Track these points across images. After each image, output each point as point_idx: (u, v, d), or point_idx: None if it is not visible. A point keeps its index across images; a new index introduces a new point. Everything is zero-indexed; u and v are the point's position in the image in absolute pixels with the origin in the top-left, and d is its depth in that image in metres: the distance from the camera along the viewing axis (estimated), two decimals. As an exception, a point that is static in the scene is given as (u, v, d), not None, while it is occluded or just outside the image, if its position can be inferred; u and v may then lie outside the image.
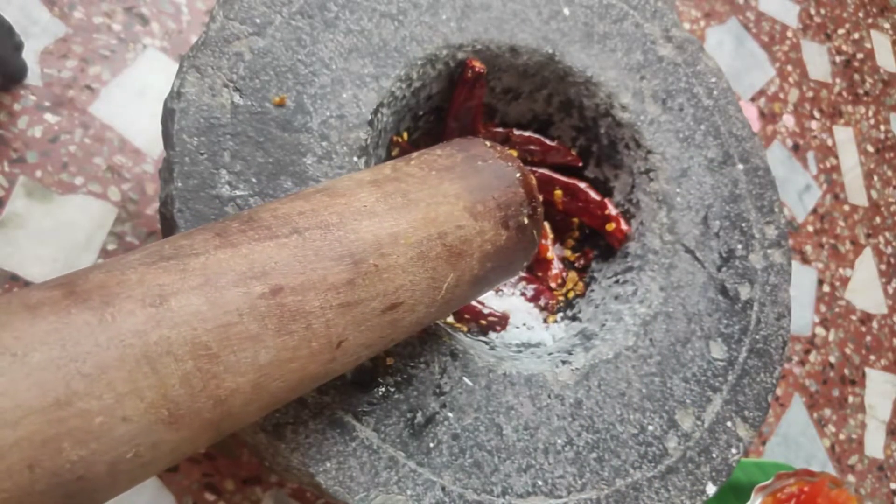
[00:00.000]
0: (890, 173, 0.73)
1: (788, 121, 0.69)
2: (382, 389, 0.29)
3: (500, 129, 0.41)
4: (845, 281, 0.66)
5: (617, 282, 0.39)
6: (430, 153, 0.29)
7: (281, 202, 0.24)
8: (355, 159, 0.32)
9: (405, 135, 0.38)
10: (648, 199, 0.39)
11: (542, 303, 0.40)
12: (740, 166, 0.41)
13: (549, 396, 0.32)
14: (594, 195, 0.41)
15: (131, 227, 0.41)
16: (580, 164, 0.42)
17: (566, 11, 0.40)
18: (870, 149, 0.73)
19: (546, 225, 0.43)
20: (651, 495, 0.31)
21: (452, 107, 0.38)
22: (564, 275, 0.42)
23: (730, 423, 0.34)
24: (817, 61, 0.74)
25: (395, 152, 0.38)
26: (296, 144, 0.31)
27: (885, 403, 0.63)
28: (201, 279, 0.20)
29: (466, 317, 0.38)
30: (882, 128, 0.75)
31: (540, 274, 0.42)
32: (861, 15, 0.80)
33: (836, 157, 0.71)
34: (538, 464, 0.30)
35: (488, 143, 0.30)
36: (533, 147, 0.42)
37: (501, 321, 0.38)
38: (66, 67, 0.43)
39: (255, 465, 0.40)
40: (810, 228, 0.66)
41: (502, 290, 0.41)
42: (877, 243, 0.69)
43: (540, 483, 0.30)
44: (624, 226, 0.40)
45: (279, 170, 0.30)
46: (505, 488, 0.29)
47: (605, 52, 0.40)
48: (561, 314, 0.40)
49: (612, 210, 0.40)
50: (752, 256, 0.39)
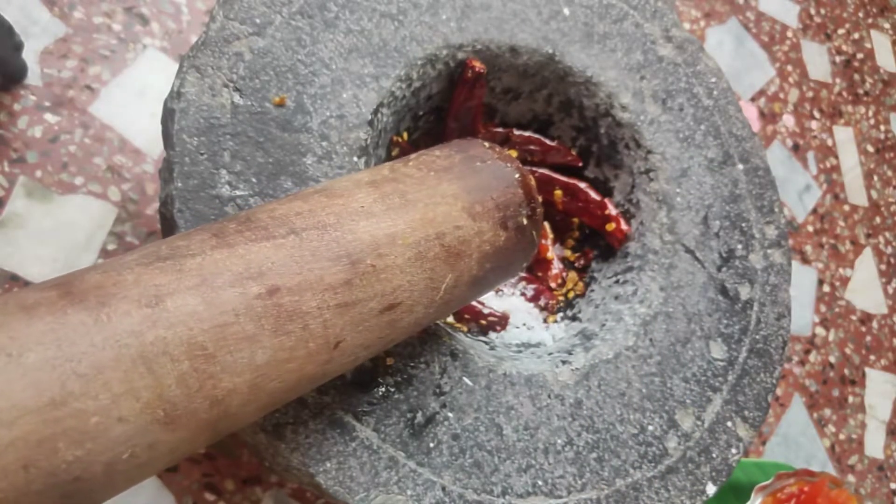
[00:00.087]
0: (890, 173, 0.73)
1: (788, 121, 0.69)
2: (382, 389, 0.29)
3: (500, 129, 0.41)
4: (845, 281, 0.66)
5: (617, 282, 0.39)
6: (429, 154, 0.29)
7: (279, 203, 0.24)
8: (355, 159, 0.32)
9: (405, 135, 0.38)
10: (648, 199, 0.39)
11: (542, 303, 0.40)
12: (740, 166, 0.41)
13: (549, 396, 0.32)
14: (594, 195, 0.41)
15: (131, 227, 0.41)
16: (580, 164, 0.42)
17: (566, 11, 0.40)
18: (870, 149, 0.73)
19: (546, 225, 0.43)
20: (651, 495, 0.32)
21: (452, 107, 0.38)
22: (564, 275, 0.42)
23: (730, 423, 0.34)
24: (817, 61, 0.74)
25: (395, 152, 0.38)
26: (296, 144, 0.31)
27: (885, 403, 0.63)
28: (198, 279, 0.20)
29: (466, 317, 0.38)
30: (882, 128, 0.75)
31: (540, 274, 0.42)
32: (861, 15, 0.80)
33: (836, 157, 0.71)
34: (538, 464, 0.30)
35: (487, 143, 0.30)
36: (533, 147, 0.42)
37: (501, 321, 0.38)
38: (66, 67, 0.43)
39: (255, 465, 0.40)
40: (810, 228, 0.66)
41: (502, 290, 0.41)
42: (877, 243, 0.69)
43: (540, 483, 0.30)
44: (624, 226, 0.40)
45: (279, 170, 0.30)
46: (505, 488, 0.29)
47: (605, 52, 0.40)
48: (561, 314, 0.40)
49: (612, 210, 0.40)
50: (752, 256, 0.39)
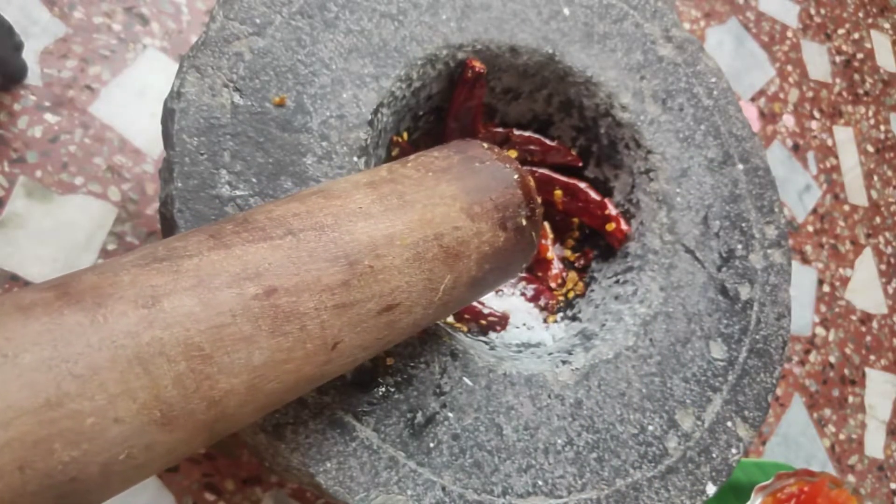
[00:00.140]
0: (890, 173, 0.73)
1: (788, 121, 0.69)
2: (382, 389, 0.29)
3: (500, 129, 0.41)
4: (845, 281, 0.66)
5: (617, 282, 0.39)
6: (427, 155, 0.29)
7: (276, 204, 0.24)
8: (355, 159, 0.32)
9: (405, 135, 0.38)
10: (648, 199, 0.39)
11: (542, 303, 0.40)
12: (740, 166, 0.41)
13: (550, 396, 0.32)
14: (594, 195, 0.41)
15: (131, 227, 0.41)
16: (580, 164, 0.42)
17: (566, 11, 0.40)
18: (870, 149, 0.73)
19: (546, 225, 0.43)
20: (651, 495, 0.32)
21: (452, 107, 0.38)
22: (564, 275, 0.42)
23: (730, 423, 0.34)
24: (817, 61, 0.74)
25: (395, 152, 0.38)
26: (296, 144, 0.31)
27: (885, 403, 0.63)
28: (194, 280, 0.20)
29: (466, 317, 0.38)
30: (882, 128, 0.75)
31: (540, 274, 0.42)
32: (861, 15, 0.80)
33: (836, 157, 0.71)
34: (538, 464, 0.30)
35: (486, 144, 0.30)
36: (533, 147, 0.42)
37: (501, 321, 0.38)
38: (66, 67, 0.43)
39: (255, 465, 0.40)
40: (810, 228, 0.66)
41: (502, 291, 0.41)
42: (877, 243, 0.69)
43: (540, 483, 0.30)
44: (624, 226, 0.40)
45: (279, 170, 0.30)
46: (505, 488, 0.29)
47: (605, 52, 0.40)
48: (561, 314, 0.40)
49: (612, 210, 0.40)
50: (752, 256, 0.39)
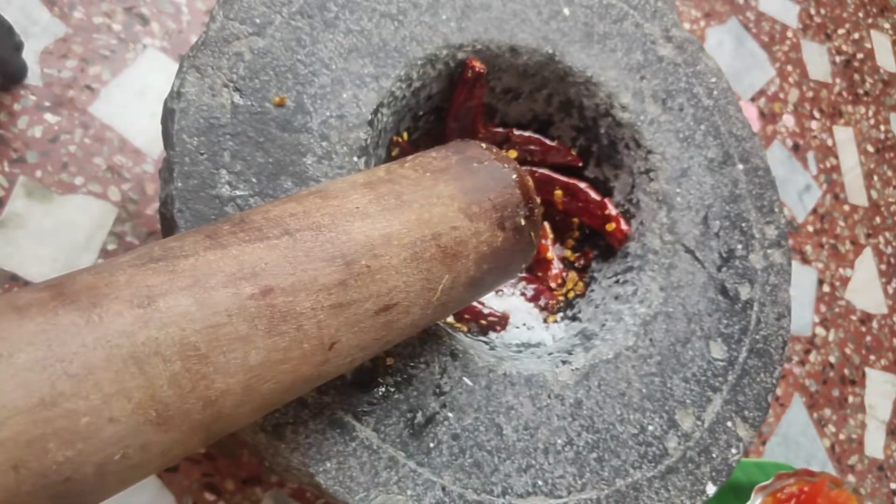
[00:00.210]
0: (890, 173, 0.73)
1: (788, 121, 0.69)
2: (382, 389, 0.29)
3: (500, 129, 0.41)
4: (845, 281, 0.66)
5: (617, 282, 0.39)
6: (425, 156, 0.29)
7: (273, 204, 0.24)
8: (355, 159, 0.32)
9: (405, 135, 0.38)
10: (648, 199, 0.39)
11: (542, 303, 0.40)
12: (740, 166, 0.41)
13: (549, 396, 0.32)
14: (594, 195, 0.41)
15: (131, 227, 0.41)
16: (580, 164, 0.42)
17: (566, 11, 0.40)
18: (870, 149, 0.73)
19: (546, 225, 0.43)
20: (651, 495, 0.32)
21: (452, 107, 0.38)
22: (564, 275, 0.42)
23: (730, 423, 0.34)
24: (817, 61, 0.74)
25: (395, 152, 0.38)
26: (296, 144, 0.31)
27: (885, 403, 0.63)
28: (190, 280, 0.20)
29: (466, 317, 0.38)
30: (882, 128, 0.75)
31: (540, 274, 0.42)
32: (861, 15, 0.80)
33: (836, 157, 0.71)
34: (538, 464, 0.30)
35: (484, 144, 0.30)
36: (533, 147, 0.42)
37: (501, 321, 0.38)
38: (66, 67, 0.43)
39: (255, 465, 0.40)
40: (810, 228, 0.66)
41: (502, 291, 0.41)
42: (877, 243, 0.69)
43: (540, 483, 0.30)
44: (624, 226, 0.40)
45: (279, 170, 0.30)
46: (505, 488, 0.29)
47: (605, 52, 0.40)
48: (561, 314, 0.40)
49: (612, 210, 0.40)
50: (752, 256, 0.39)
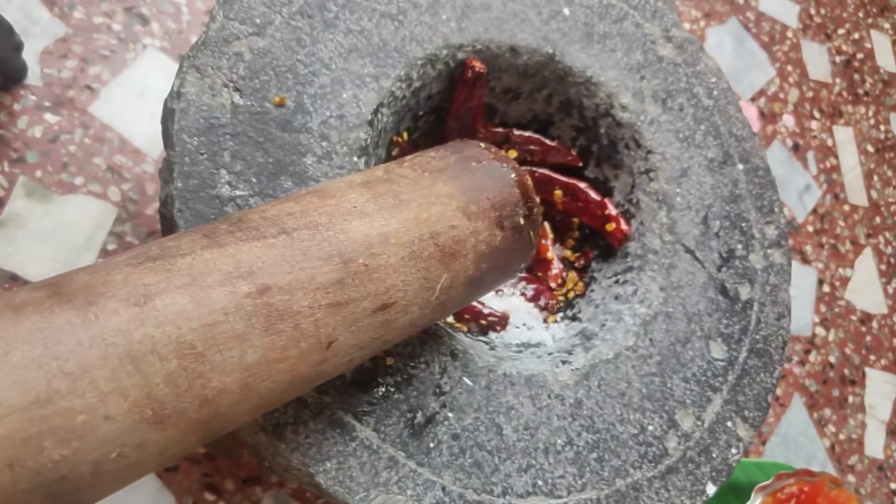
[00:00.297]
0: (890, 173, 0.73)
1: (788, 121, 0.69)
2: (382, 389, 0.29)
3: (500, 129, 0.41)
4: (845, 281, 0.66)
5: (617, 282, 0.39)
6: (424, 155, 0.29)
7: (271, 204, 0.24)
8: (355, 159, 0.32)
9: (405, 135, 0.38)
10: (648, 199, 0.39)
11: (542, 303, 0.40)
12: (740, 166, 0.41)
13: (549, 396, 0.32)
14: (594, 195, 0.41)
15: (131, 227, 0.41)
16: (580, 164, 0.42)
17: (566, 11, 0.40)
18: (870, 149, 0.73)
19: (546, 225, 0.43)
20: (651, 495, 0.32)
21: (452, 107, 0.38)
22: (564, 275, 0.42)
23: (730, 423, 0.34)
24: (817, 61, 0.74)
25: (395, 152, 0.38)
26: (296, 144, 0.31)
27: (885, 403, 0.63)
28: (187, 279, 0.20)
29: (466, 317, 0.38)
30: (882, 128, 0.75)
31: (540, 274, 0.42)
32: (861, 15, 0.80)
33: (836, 157, 0.71)
34: (538, 464, 0.30)
35: (483, 144, 0.30)
36: (533, 147, 0.42)
37: (501, 321, 0.38)
38: (66, 67, 0.43)
39: (255, 465, 0.40)
40: (810, 228, 0.66)
41: (502, 291, 0.41)
42: (877, 243, 0.69)
43: (540, 483, 0.30)
44: (624, 226, 0.40)
45: (279, 170, 0.30)
46: (505, 488, 0.29)
47: (605, 52, 0.40)
48: (561, 314, 0.40)
49: (612, 210, 0.40)
50: (752, 256, 0.39)
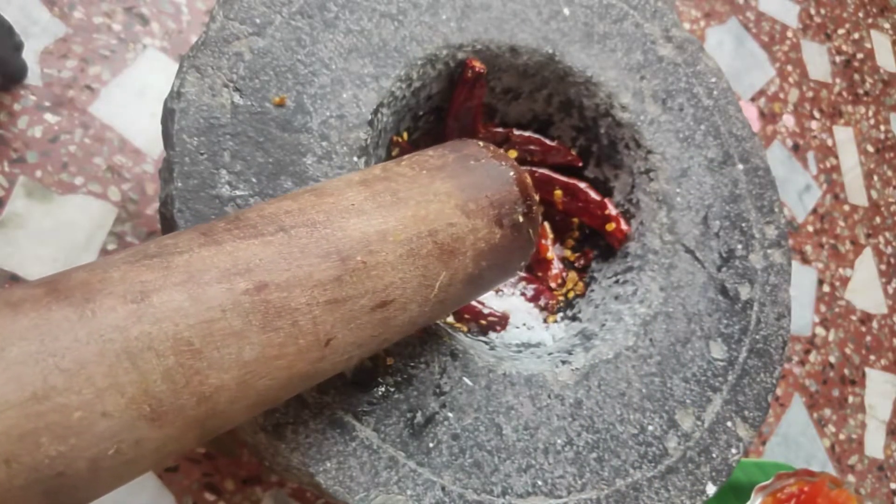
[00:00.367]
0: (890, 173, 0.73)
1: (788, 121, 0.69)
2: (382, 389, 0.29)
3: (500, 129, 0.41)
4: (845, 281, 0.66)
5: (617, 282, 0.39)
6: (422, 154, 0.29)
7: (269, 203, 0.24)
8: (355, 159, 0.32)
9: (405, 135, 0.38)
10: (648, 199, 0.39)
11: (542, 303, 0.40)
12: (740, 166, 0.41)
13: (549, 396, 0.32)
14: (594, 195, 0.41)
15: (131, 227, 0.41)
16: (580, 164, 0.42)
17: (566, 11, 0.40)
18: (870, 149, 0.73)
19: (546, 225, 0.43)
20: (651, 495, 0.31)
21: (452, 107, 0.38)
22: (564, 275, 0.42)
23: (730, 423, 0.34)
24: (817, 61, 0.74)
25: (395, 152, 0.38)
26: (296, 144, 0.31)
27: (885, 403, 0.63)
28: (184, 276, 0.20)
29: (466, 317, 0.38)
30: (882, 128, 0.75)
31: (540, 274, 0.42)
32: (861, 15, 0.80)
33: (836, 157, 0.71)
34: (538, 464, 0.30)
35: (481, 143, 0.30)
36: (533, 147, 0.42)
37: (501, 321, 0.38)
38: (66, 67, 0.43)
39: (255, 465, 0.40)
40: (810, 228, 0.66)
41: (502, 290, 0.41)
42: (877, 243, 0.69)
43: (540, 483, 0.30)
44: (624, 226, 0.40)
45: (279, 170, 0.30)
46: (505, 488, 0.29)
47: (605, 52, 0.40)
48: (561, 314, 0.40)
49: (612, 210, 0.40)
50: (752, 256, 0.39)
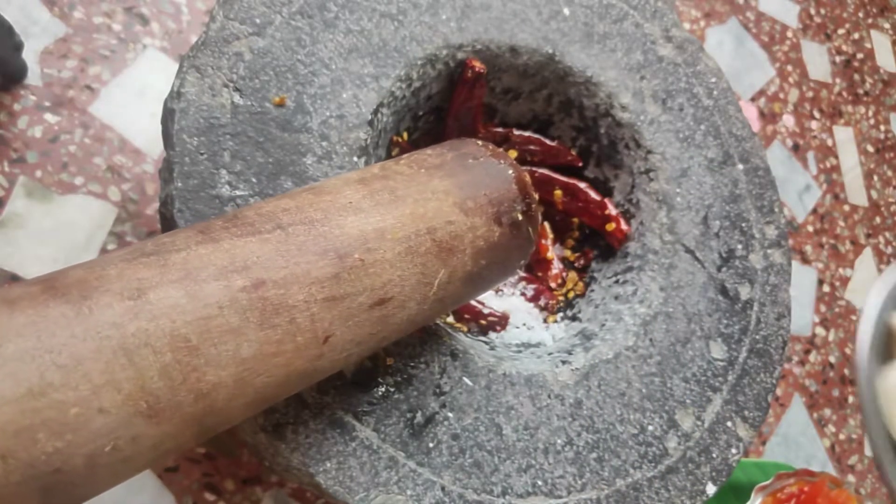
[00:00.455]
0: (890, 173, 0.73)
1: (788, 121, 0.69)
2: (382, 389, 0.29)
3: (500, 129, 0.41)
4: (845, 281, 0.66)
5: (617, 282, 0.39)
6: (421, 153, 0.29)
7: (267, 201, 0.24)
8: (355, 159, 0.32)
9: (405, 135, 0.38)
10: (648, 199, 0.39)
11: (542, 303, 0.40)
12: (740, 166, 0.41)
13: (549, 396, 0.32)
14: (594, 195, 0.41)
15: (131, 227, 0.41)
16: (580, 164, 0.42)
17: (566, 11, 0.40)
18: (870, 149, 0.73)
19: (546, 225, 0.43)
20: (651, 495, 0.31)
21: (452, 107, 0.38)
22: (564, 275, 0.42)
23: (730, 423, 0.34)
24: (817, 61, 0.74)
25: (395, 152, 0.38)
26: (296, 144, 0.31)
27: (885, 403, 0.63)
28: (181, 273, 0.20)
29: (466, 317, 0.38)
30: (882, 128, 0.75)
31: (540, 274, 0.42)
32: (861, 15, 0.80)
33: (836, 157, 0.71)
34: (538, 464, 0.30)
35: (480, 142, 0.30)
36: (533, 147, 0.42)
37: (501, 321, 0.38)
38: (66, 67, 0.43)
39: (255, 465, 0.40)
40: (810, 228, 0.66)
41: (502, 290, 0.41)
42: (877, 243, 0.69)
43: (540, 483, 0.30)
44: (624, 226, 0.40)
45: (279, 170, 0.30)
46: (505, 488, 0.29)
47: (605, 52, 0.40)
48: (561, 314, 0.40)
49: (612, 210, 0.40)
50: (752, 256, 0.39)
